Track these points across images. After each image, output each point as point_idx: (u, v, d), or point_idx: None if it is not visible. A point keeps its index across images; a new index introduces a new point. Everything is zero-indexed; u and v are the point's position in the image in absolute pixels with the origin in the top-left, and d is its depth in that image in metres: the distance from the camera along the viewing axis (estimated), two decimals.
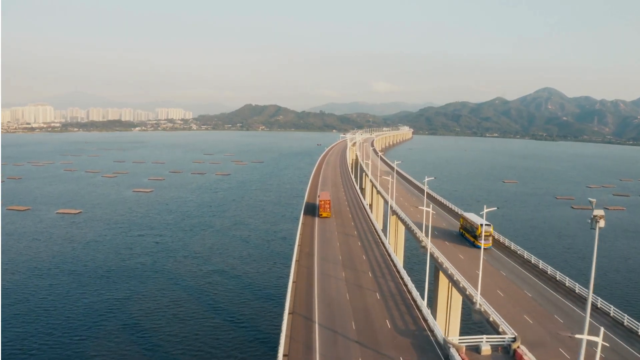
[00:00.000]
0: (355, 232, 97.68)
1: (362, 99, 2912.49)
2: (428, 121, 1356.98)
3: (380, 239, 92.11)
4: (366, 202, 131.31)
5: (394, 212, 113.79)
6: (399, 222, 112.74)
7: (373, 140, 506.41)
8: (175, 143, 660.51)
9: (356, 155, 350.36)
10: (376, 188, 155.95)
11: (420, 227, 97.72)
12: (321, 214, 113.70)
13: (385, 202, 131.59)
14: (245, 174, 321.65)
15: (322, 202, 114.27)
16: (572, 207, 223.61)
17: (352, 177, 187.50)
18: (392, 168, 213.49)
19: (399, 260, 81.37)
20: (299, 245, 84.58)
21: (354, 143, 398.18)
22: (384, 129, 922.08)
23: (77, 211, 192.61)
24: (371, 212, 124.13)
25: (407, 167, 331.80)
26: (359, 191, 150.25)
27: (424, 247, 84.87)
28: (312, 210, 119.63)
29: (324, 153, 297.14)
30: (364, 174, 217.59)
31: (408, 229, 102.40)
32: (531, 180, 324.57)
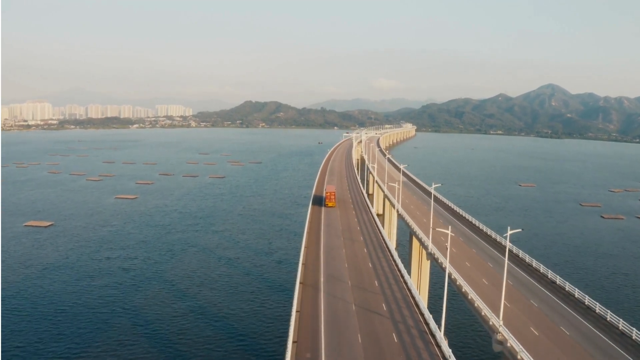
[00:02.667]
0: (382, 299, 74.49)
1: (364, 96, 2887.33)
2: (431, 118, 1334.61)
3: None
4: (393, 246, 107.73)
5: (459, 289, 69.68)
6: (424, 252, 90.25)
7: (379, 139, 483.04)
8: (170, 141, 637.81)
9: (361, 156, 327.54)
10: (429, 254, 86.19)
11: None
12: (327, 204, 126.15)
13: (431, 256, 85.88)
14: (240, 177, 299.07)
15: (328, 194, 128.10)
16: (602, 217, 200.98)
17: (368, 202, 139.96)
18: (426, 192, 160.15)
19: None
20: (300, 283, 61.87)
21: (359, 141, 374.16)
22: (386, 126, 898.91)
23: (48, 223, 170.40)
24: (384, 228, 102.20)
25: (417, 169, 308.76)
26: (379, 226, 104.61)
27: None
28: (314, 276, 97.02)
29: (325, 158, 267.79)
30: (376, 186, 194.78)
31: None
32: (549, 183, 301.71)
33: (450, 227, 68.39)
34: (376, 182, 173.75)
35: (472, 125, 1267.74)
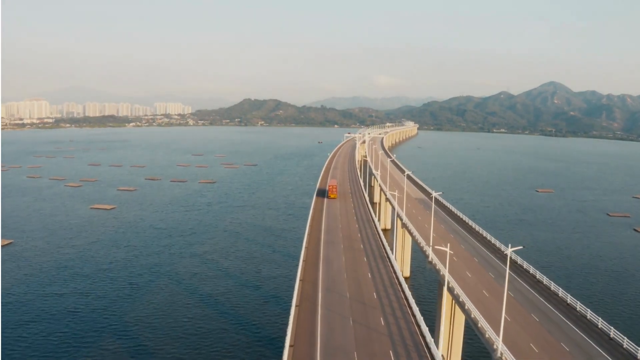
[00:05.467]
0: None
1: (364, 93, 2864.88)
2: (432, 116, 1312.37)
3: None
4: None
5: None
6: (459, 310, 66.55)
7: (382, 139, 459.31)
8: (165, 141, 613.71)
9: (363, 158, 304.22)
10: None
11: None
12: (330, 196, 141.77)
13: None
14: (233, 182, 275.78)
15: (331, 187, 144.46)
16: (635, 230, 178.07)
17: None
18: (460, 223, 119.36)
19: None
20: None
21: (363, 141, 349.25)
22: (388, 124, 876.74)
23: (7, 242, 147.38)
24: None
25: (424, 173, 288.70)
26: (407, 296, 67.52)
27: None
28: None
29: (325, 165, 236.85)
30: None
31: None
32: (567, 188, 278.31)
33: None
34: (399, 217, 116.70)
35: (474, 124, 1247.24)
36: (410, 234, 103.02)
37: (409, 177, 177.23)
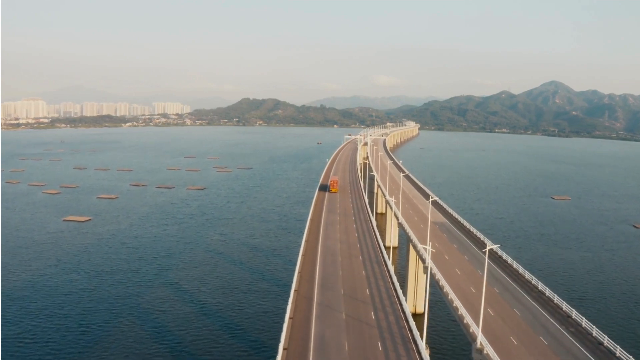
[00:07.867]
0: None
1: (364, 93, 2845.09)
2: (433, 116, 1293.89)
3: None
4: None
5: None
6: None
7: (384, 141, 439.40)
8: (158, 142, 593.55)
9: (365, 163, 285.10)
10: None
11: None
12: (331, 190, 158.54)
13: None
14: (224, 188, 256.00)
15: (332, 182, 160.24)
16: None
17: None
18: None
19: None
20: None
21: (364, 144, 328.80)
22: (389, 124, 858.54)
23: None
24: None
25: (430, 177, 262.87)
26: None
27: None
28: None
29: (322, 176, 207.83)
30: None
31: None
32: (584, 195, 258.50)
33: None
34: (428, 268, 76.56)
35: (476, 123, 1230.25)
36: (442, 289, 73.92)
37: (435, 206, 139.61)
